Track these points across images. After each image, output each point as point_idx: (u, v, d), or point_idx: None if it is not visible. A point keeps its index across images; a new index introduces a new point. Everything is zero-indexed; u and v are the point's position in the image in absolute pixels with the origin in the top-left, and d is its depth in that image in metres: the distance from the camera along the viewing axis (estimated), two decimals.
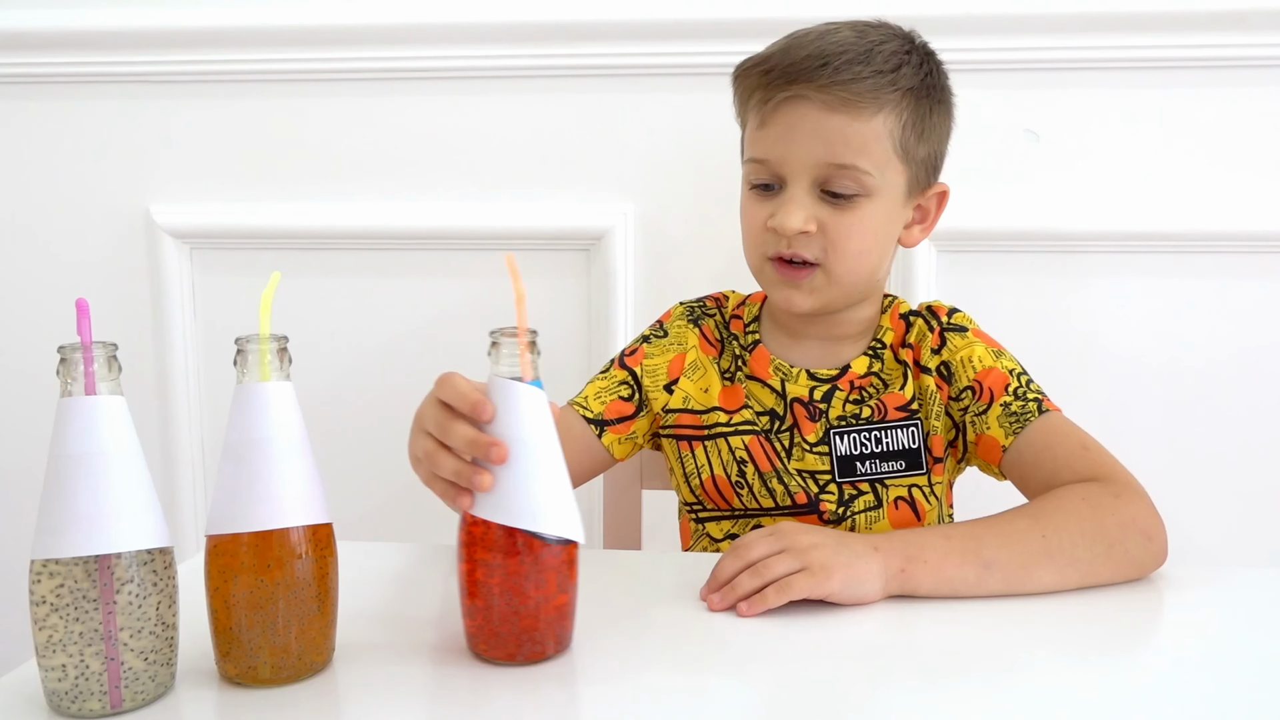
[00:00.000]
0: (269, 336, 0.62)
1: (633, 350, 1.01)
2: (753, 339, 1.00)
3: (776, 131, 0.88)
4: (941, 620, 0.72)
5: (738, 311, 1.03)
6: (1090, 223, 1.26)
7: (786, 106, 0.87)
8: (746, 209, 0.93)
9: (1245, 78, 1.23)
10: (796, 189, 0.88)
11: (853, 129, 0.86)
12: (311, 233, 1.36)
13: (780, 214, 0.88)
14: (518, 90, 1.32)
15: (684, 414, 0.98)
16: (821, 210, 0.88)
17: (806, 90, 0.86)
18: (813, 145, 0.87)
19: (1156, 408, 1.29)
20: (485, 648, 0.65)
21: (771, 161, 0.89)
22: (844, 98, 0.85)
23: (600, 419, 0.97)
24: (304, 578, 0.62)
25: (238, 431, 0.61)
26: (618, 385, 0.99)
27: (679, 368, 0.99)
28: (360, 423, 1.39)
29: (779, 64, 0.88)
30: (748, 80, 0.92)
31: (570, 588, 0.66)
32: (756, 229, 0.91)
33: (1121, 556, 0.77)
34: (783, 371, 0.97)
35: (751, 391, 0.98)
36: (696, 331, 1.00)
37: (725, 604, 0.73)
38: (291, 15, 1.29)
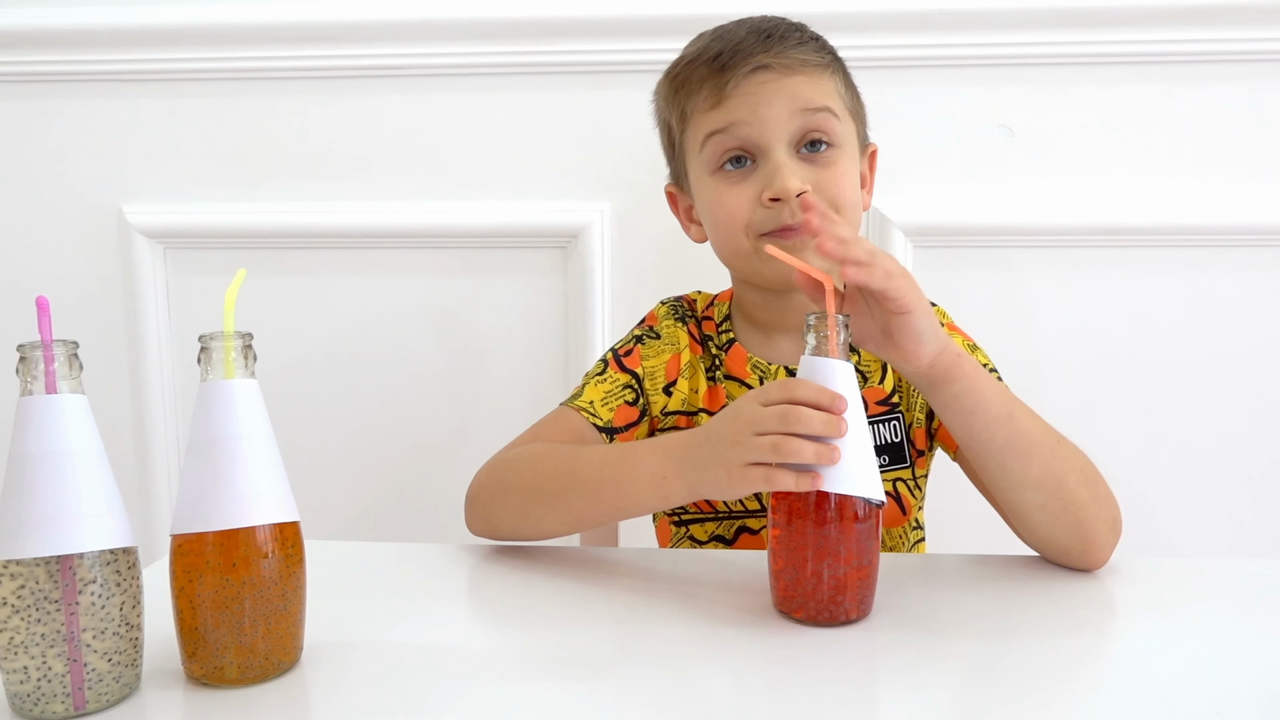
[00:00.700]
0: (233, 334, 0.62)
1: (627, 350, 0.97)
2: (727, 338, 0.98)
3: (740, 101, 0.87)
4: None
5: (707, 313, 1.01)
6: (1064, 217, 1.26)
7: (747, 81, 0.87)
8: (722, 195, 0.89)
9: (1217, 73, 1.23)
10: (778, 153, 0.86)
11: (813, 85, 0.88)
12: (285, 232, 1.35)
13: (776, 180, 0.85)
14: (493, 88, 1.31)
15: (679, 416, 0.96)
16: (806, 171, 0.87)
17: (765, 60, 0.86)
18: (784, 102, 0.86)
19: (1129, 401, 1.30)
20: (798, 610, 0.70)
21: (740, 126, 0.87)
22: (801, 59, 0.87)
23: (610, 427, 0.93)
24: (270, 577, 0.61)
25: (202, 430, 0.61)
26: (622, 390, 0.95)
27: (675, 369, 0.96)
28: (332, 420, 1.39)
29: (725, 48, 0.88)
30: (692, 74, 0.90)
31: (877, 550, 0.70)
32: (742, 210, 0.88)
33: (1092, 522, 0.77)
34: (761, 369, 0.96)
35: (731, 392, 0.96)
36: (685, 330, 0.98)
37: (836, 251, 0.69)
38: (264, 13, 1.28)
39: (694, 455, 0.74)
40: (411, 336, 1.37)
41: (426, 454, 1.38)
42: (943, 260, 1.29)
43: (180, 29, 1.30)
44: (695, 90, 0.90)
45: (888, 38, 1.23)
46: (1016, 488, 0.77)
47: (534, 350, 1.36)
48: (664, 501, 0.76)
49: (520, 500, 0.83)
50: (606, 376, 0.95)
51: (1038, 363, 1.30)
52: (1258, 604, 0.74)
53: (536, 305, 1.35)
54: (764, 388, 0.71)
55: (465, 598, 0.78)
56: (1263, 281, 1.27)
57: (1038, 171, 1.27)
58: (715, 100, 0.88)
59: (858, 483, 0.68)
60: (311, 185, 1.35)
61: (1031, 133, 1.27)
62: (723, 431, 0.72)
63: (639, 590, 0.77)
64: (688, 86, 0.91)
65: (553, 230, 1.33)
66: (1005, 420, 0.76)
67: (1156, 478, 1.29)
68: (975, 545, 0.92)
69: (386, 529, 1.39)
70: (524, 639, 0.69)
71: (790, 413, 0.68)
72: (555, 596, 0.76)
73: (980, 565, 0.83)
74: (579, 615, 0.73)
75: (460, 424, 1.37)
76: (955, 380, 0.75)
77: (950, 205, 1.27)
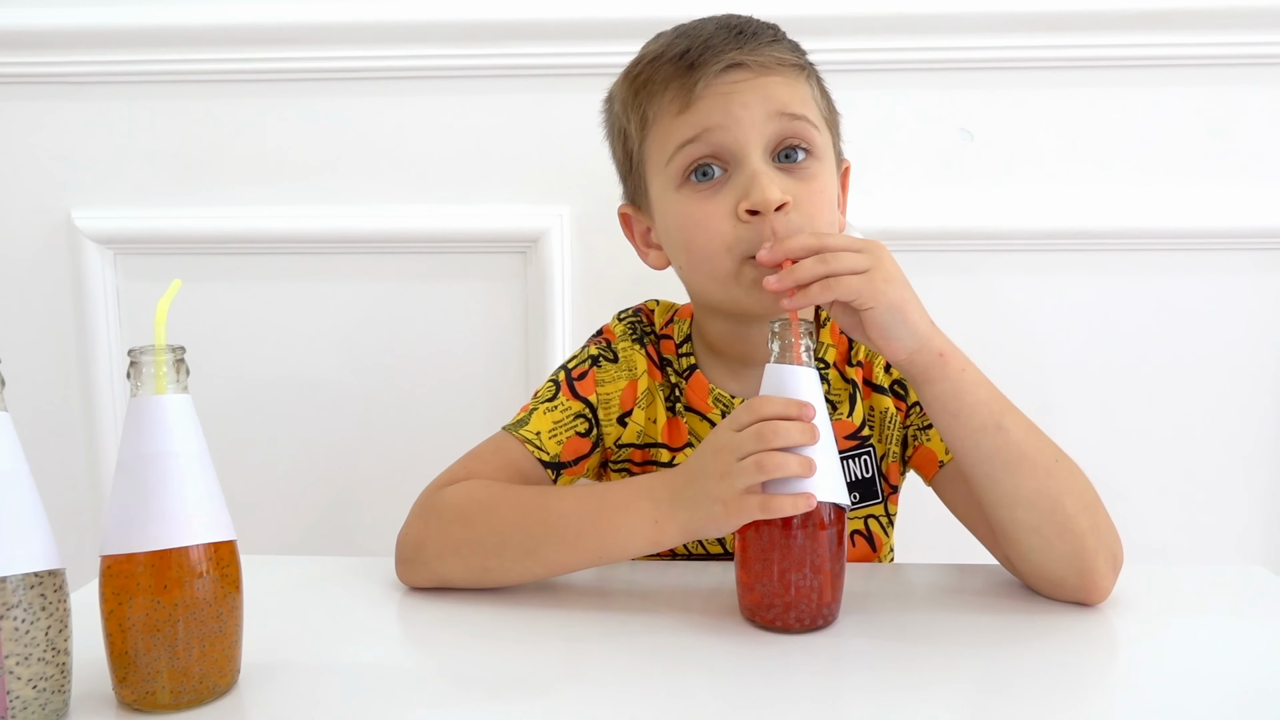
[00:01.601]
0: (165, 347, 0.60)
1: (581, 373, 0.89)
2: (688, 364, 0.90)
3: (712, 103, 0.78)
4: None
5: (666, 330, 0.93)
6: (1024, 221, 1.26)
7: (719, 80, 0.78)
8: (696, 212, 0.80)
9: (1176, 77, 1.24)
10: (755, 160, 0.78)
11: (791, 87, 0.80)
12: (238, 237, 1.32)
13: (754, 191, 0.76)
14: (451, 91, 1.30)
15: (633, 449, 0.90)
16: (784, 180, 0.78)
17: (738, 57, 0.78)
18: (759, 105, 0.78)
19: (1094, 406, 1.30)
20: (768, 618, 0.70)
21: (713, 131, 0.78)
22: (777, 58, 0.80)
23: (557, 461, 0.85)
24: (204, 597, 0.59)
25: (132, 447, 0.59)
26: (573, 419, 0.87)
27: (631, 397, 0.89)
28: (285, 429, 1.37)
29: (693, 44, 0.79)
30: (655, 74, 0.81)
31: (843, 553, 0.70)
32: (723, 228, 0.78)
33: (1090, 554, 0.72)
34: (723, 403, 0.88)
35: (692, 426, 0.89)
36: (643, 353, 0.90)
37: (781, 286, 0.70)
38: (216, 14, 1.26)
39: (683, 495, 0.71)
40: (367, 343, 1.35)
41: (381, 464, 1.35)
42: (903, 263, 1.26)
43: (131, 30, 1.27)
44: (659, 92, 0.81)
45: (847, 41, 1.22)
46: (1005, 504, 0.73)
47: (493, 357, 1.34)
48: (655, 546, 0.72)
49: (479, 557, 0.76)
50: (557, 404, 0.87)
51: (998, 366, 1.29)
52: (1235, 608, 0.75)
53: (495, 312, 1.33)
54: (732, 415, 0.70)
55: (412, 614, 0.76)
56: (1226, 285, 1.27)
57: (998, 175, 1.27)
58: (683, 103, 0.79)
59: (825, 488, 0.68)
60: (265, 189, 1.32)
61: (991, 137, 1.26)
62: (707, 466, 0.70)
63: (594, 604, 0.76)
64: (650, 88, 0.82)
65: (512, 235, 1.31)
66: (994, 429, 0.72)
67: (1121, 479, 1.29)
68: (943, 555, 0.91)
69: (339, 542, 1.37)
70: (472, 658, 0.68)
71: (766, 429, 0.67)
72: (505, 611, 0.74)
73: (949, 573, 0.83)
74: (530, 631, 0.71)
75: (416, 433, 1.35)
76: (937, 380, 0.73)
77: (910, 209, 1.27)
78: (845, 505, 0.70)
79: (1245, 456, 1.30)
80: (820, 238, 0.72)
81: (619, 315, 0.94)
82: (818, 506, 0.67)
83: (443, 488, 0.81)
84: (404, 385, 1.35)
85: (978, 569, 0.83)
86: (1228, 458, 1.30)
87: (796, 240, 0.72)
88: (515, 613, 0.74)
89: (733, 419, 0.70)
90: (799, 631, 0.69)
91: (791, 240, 0.72)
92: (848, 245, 0.71)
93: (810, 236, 0.72)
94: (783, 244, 0.72)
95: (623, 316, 0.94)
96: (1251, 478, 1.31)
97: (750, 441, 0.68)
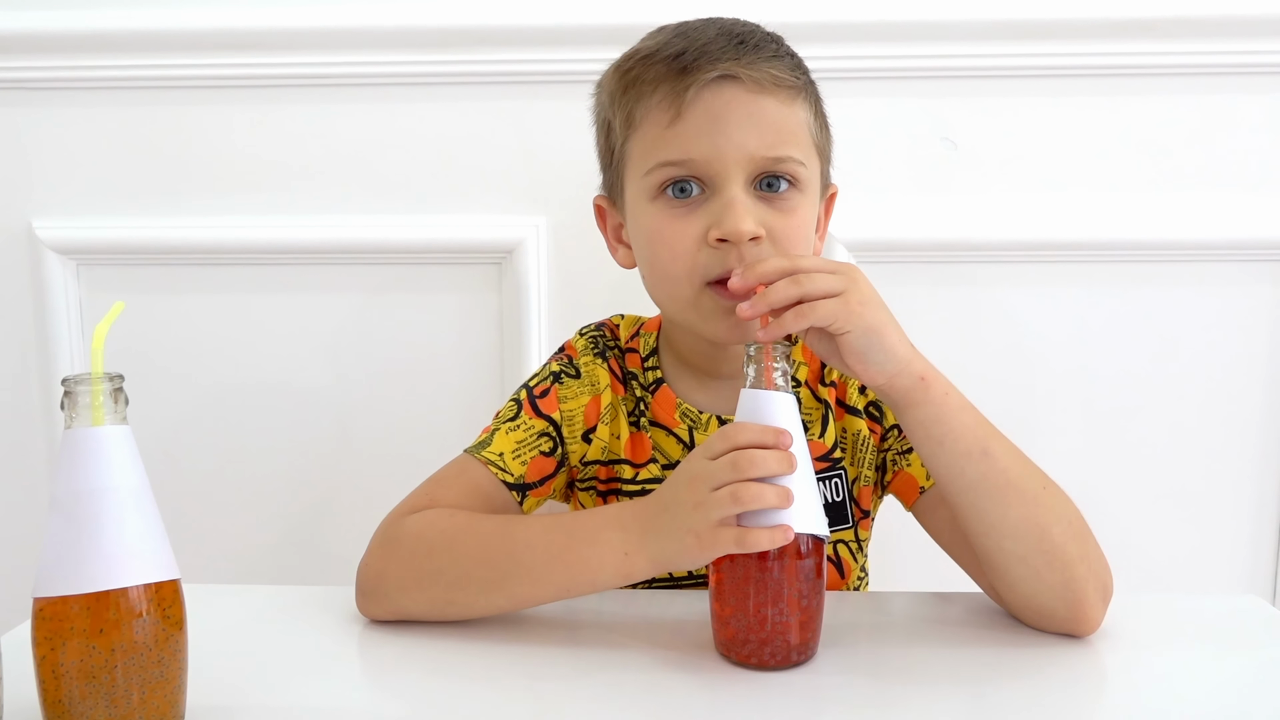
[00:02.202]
0: (101, 375, 0.56)
1: (543, 390, 0.85)
2: (654, 377, 0.87)
3: (700, 123, 0.75)
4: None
5: (632, 344, 0.90)
6: (1007, 231, 1.24)
7: (710, 92, 0.75)
8: (664, 229, 0.77)
9: (1162, 86, 1.22)
10: (734, 187, 0.75)
11: (784, 113, 0.77)
12: (206, 248, 1.28)
13: (728, 219, 0.74)
14: (425, 98, 1.26)
15: (598, 466, 0.87)
16: (761, 211, 0.76)
17: (734, 69, 0.74)
18: (748, 132, 0.75)
19: (1080, 419, 1.28)
20: (744, 655, 0.67)
21: (697, 159, 0.75)
22: (775, 76, 0.76)
23: (522, 483, 0.82)
24: (144, 641, 0.56)
25: (66, 483, 0.55)
26: (537, 439, 0.83)
27: (595, 413, 0.86)
28: (253, 445, 1.33)
29: (689, 46, 0.76)
30: (647, 72, 0.77)
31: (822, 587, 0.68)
32: (686, 252, 0.76)
33: (1080, 584, 0.70)
34: (691, 418, 0.85)
35: (657, 442, 0.86)
36: (605, 367, 0.87)
37: (755, 312, 0.67)
38: (182, 20, 1.22)
39: (655, 525, 0.68)
40: (337, 356, 1.31)
41: (353, 479, 1.32)
42: (885, 275, 1.23)
43: (93, 35, 1.23)
44: (648, 92, 0.77)
45: (830, 49, 1.19)
46: (992, 533, 0.70)
47: (467, 371, 1.31)
48: (625, 579, 0.69)
49: (443, 590, 0.73)
50: (520, 422, 0.84)
51: (980, 377, 1.27)
52: (1229, 640, 0.73)
53: (470, 324, 1.30)
54: (706, 442, 0.68)
55: (372, 649, 0.73)
56: (1210, 295, 1.26)
57: (981, 185, 1.24)
58: (672, 111, 0.76)
59: (803, 519, 0.65)
60: (232, 199, 1.29)
61: (974, 146, 1.24)
62: (680, 496, 0.67)
63: (562, 639, 0.73)
64: (639, 86, 0.78)
65: (486, 246, 1.28)
66: (979, 456, 0.69)
67: (1107, 494, 1.27)
68: (923, 579, 0.89)
69: (307, 565, 1.33)
70: (435, 697, 0.64)
71: (741, 458, 0.65)
72: (470, 646, 0.71)
73: (930, 602, 0.81)
74: (495, 668, 0.68)
75: (389, 449, 1.31)
76: (919, 405, 0.70)
77: (893, 219, 1.24)
78: (824, 536, 0.67)
79: (1235, 470, 1.29)
80: (793, 260, 0.69)
81: (581, 331, 0.92)
82: (795, 538, 0.64)
83: (404, 516, 0.77)
84: (376, 399, 1.31)
85: (958, 597, 0.80)
86: (1217, 472, 1.28)
87: (768, 264, 0.69)
88: (480, 648, 0.71)
89: (707, 446, 0.67)
90: (776, 668, 0.66)
91: (762, 264, 0.69)
92: (821, 267, 0.68)
93: (782, 259, 0.70)
94: (753, 269, 0.69)
95: (584, 331, 0.91)
96: (1240, 492, 1.29)
97: (725, 471, 0.65)
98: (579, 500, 0.89)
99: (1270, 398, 1.27)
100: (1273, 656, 0.70)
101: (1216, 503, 1.29)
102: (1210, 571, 1.30)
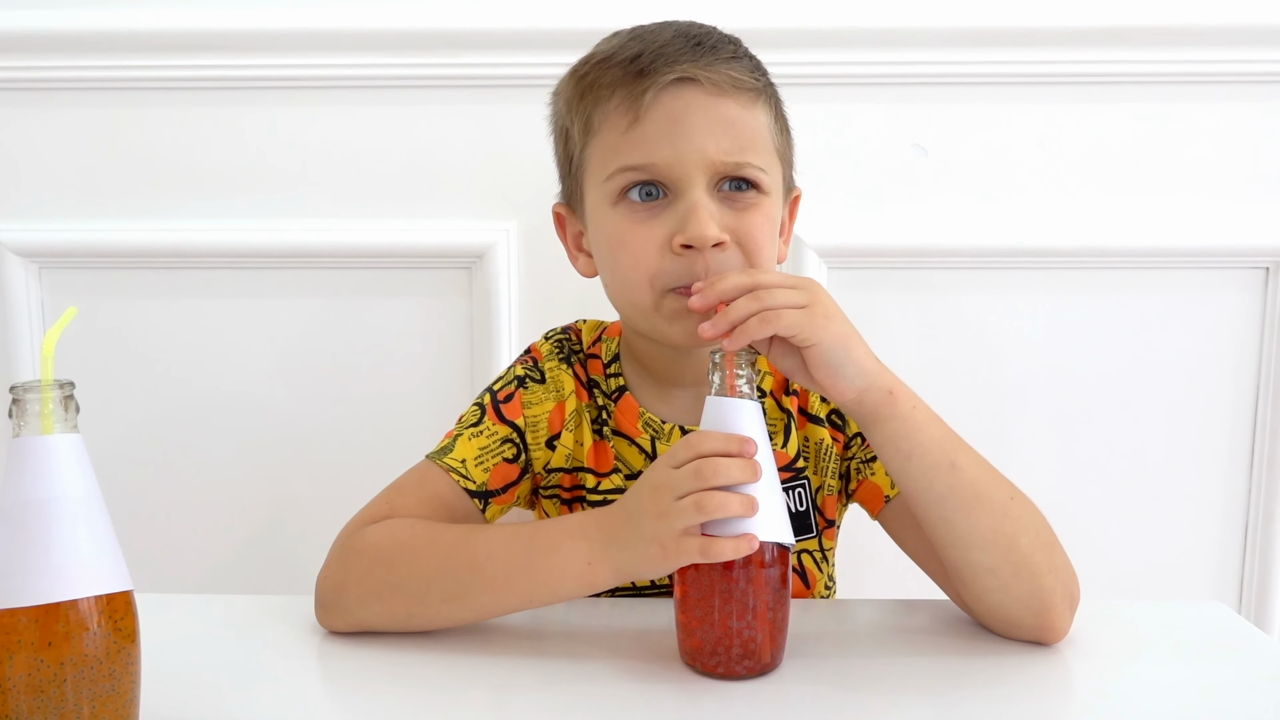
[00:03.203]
0: (51, 383, 0.55)
1: (507, 395, 0.84)
2: (616, 384, 0.86)
3: (659, 126, 0.74)
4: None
5: (594, 349, 0.88)
6: (978, 238, 1.25)
7: (669, 95, 0.74)
8: (626, 235, 0.76)
9: (1130, 94, 1.23)
10: (697, 191, 0.74)
11: (744, 116, 0.75)
12: (170, 251, 1.27)
13: (692, 225, 0.72)
14: (394, 101, 1.25)
15: (562, 474, 0.85)
16: (725, 215, 0.75)
17: (692, 71, 0.73)
18: (709, 134, 0.74)
19: (1046, 425, 1.29)
20: (711, 665, 0.66)
21: (658, 163, 0.74)
22: (733, 78, 0.75)
23: (484, 490, 0.81)
24: (95, 654, 0.55)
25: (13, 492, 0.54)
26: (500, 445, 0.82)
27: (560, 419, 0.84)
28: (217, 452, 1.31)
29: (645, 49, 0.74)
30: (604, 76, 0.76)
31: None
32: (649, 258, 0.75)
33: (1048, 593, 0.70)
34: (654, 428, 0.84)
35: (620, 451, 0.84)
36: (570, 373, 0.86)
37: (717, 332, 0.66)
38: (145, 20, 1.21)
39: (618, 535, 0.67)
40: (305, 362, 1.30)
41: (319, 487, 1.30)
42: (857, 281, 1.26)
43: (55, 35, 1.21)
44: (605, 97, 0.76)
45: (801, 54, 1.20)
46: (960, 544, 0.70)
47: (436, 376, 1.29)
48: (588, 589, 0.69)
49: (403, 602, 0.72)
50: (483, 428, 0.83)
51: (950, 384, 1.28)
52: (1196, 648, 0.74)
53: (439, 329, 1.29)
54: (670, 450, 0.67)
55: (331, 661, 0.71)
56: (1180, 302, 1.27)
57: (951, 191, 1.25)
58: (630, 115, 0.74)
59: (767, 528, 0.64)
60: (199, 202, 1.27)
61: (945, 152, 1.24)
62: (644, 505, 0.66)
63: (526, 649, 0.72)
64: (596, 91, 0.77)
65: (456, 250, 1.27)
66: (946, 469, 0.69)
67: (1071, 498, 1.28)
68: (887, 590, 0.88)
69: (270, 574, 1.32)
70: (396, 710, 0.63)
71: (705, 466, 0.64)
72: (432, 657, 0.70)
73: (896, 610, 0.80)
74: (459, 679, 0.67)
75: (355, 456, 1.30)
76: (886, 420, 0.69)
77: (864, 225, 1.25)
78: (789, 544, 0.67)
79: (1202, 478, 1.30)
80: (753, 275, 0.69)
81: (546, 334, 0.90)
82: (760, 546, 0.64)
83: (363, 526, 0.76)
84: (343, 405, 1.30)
85: (925, 605, 0.80)
86: (1185, 480, 1.30)
87: (728, 282, 0.68)
88: (442, 659, 0.70)
89: (670, 455, 0.66)
90: (741, 678, 0.66)
91: (723, 282, 0.68)
92: (782, 282, 0.68)
93: (742, 275, 0.69)
94: (714, 287, 0.68)
95: (550, 335, 0.90)
96: (1208, 500, 1.30)
97: (689, 480, 0.64)
98: (543, 508, 0.88)
99: (1238, 405, 1.28)
100: (1238, 665, 0.70)
101: (1184, 510, 1.30)
102: (1177, 579, 1.31)
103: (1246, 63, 1.20)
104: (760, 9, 1.18)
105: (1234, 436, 1.29)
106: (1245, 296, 1.27)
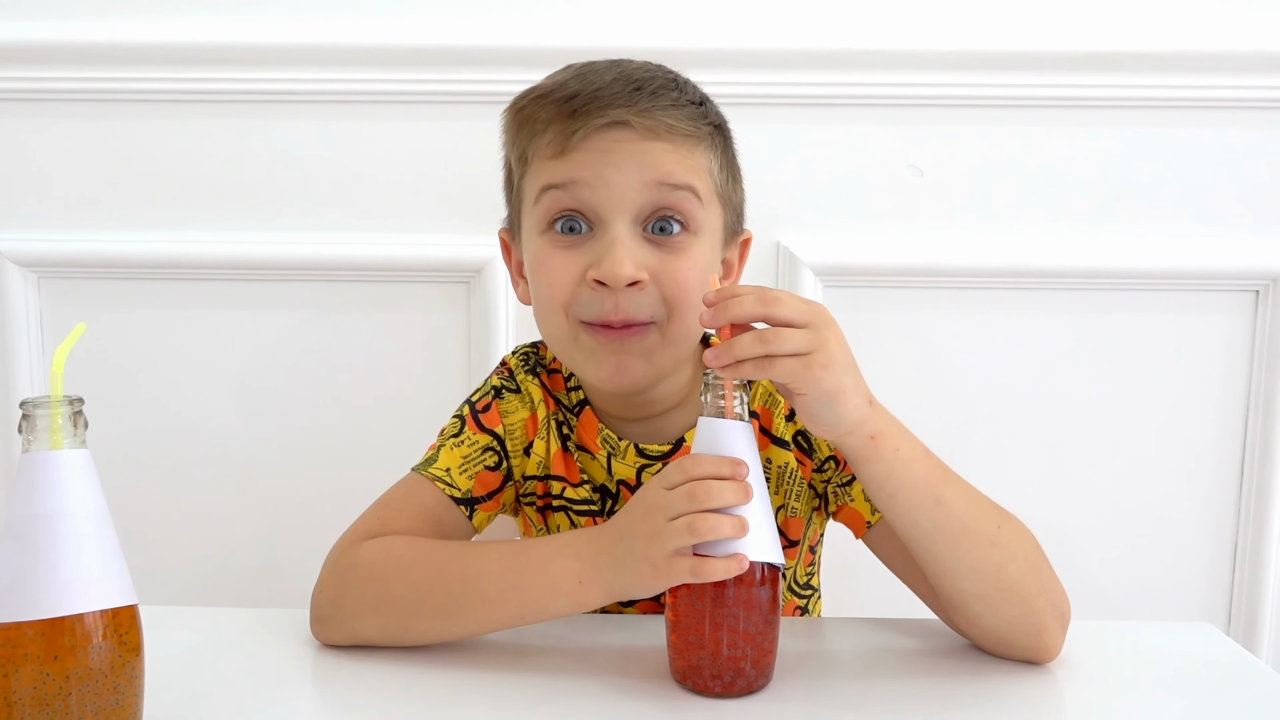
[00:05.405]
0: (61, 399, 0.56)
1: (485, 405, 0.86)
2: (578, 398, 0.86)
3: (587, 157, 0.74)
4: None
5: (555, 364, 0.88)
6: (972, 259, 1.26)
7: (598, 135, 0.74)
8: (546, 262, 0.77)
9: (1117, 118, 1.24)
10: (619, 227, 0.74)
11: (673, 157, 0.75)
12: (170, 262, 1.27)
13: (607, 261, 0.73)
14: (393, 116, 1.26)
15: (537, 481, 0.86)
16: (647, 255, 0.75)
17: (624, 115, 0.74)
18: (633, 171, 0.74)
19: (1034, 442, 1.30)
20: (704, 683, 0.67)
21: (580, 186, 0.74)
22: (668, 124, 0.74)
23: (469, 497, 0.82)
24: (100, 667, 0.56)
25: (22, 507, 0.55)
26: (481, 453, 0.84)
27: (534, 427, 0.86)
28: (215, 464, 1.32)
29: (583, 89, 0.75)
30: (540, 112, 0.77)
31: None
32: (565, 285, 0.76)
33: (1039, 615, 0.71)
34: (610, 444, 0.84)
35: (584, 464, 0.86)
36: (538, 383, 0.87)
37: (719, 364, 0.65)
38: (142, 33, 1.22)
39: (609, 554, 0.68)
40: (304, 374, 1.31)
41: (319, 500, 1.31)
42: (852, 300, 1.27)
43: (55, 47, 1.22)
44: (539, 132, 0.77)
45: (798, 76, 1.21)
46: (949, 575, 0.71)
47: (434, 390, 1.30)
48: (579, 607, 0.69)
49: (397, 616, 0.73)
50: (464, 438, 0.84)
51: (944, 403, 1.29)
52: (1186, 668, 0.74)
53: (437, 343, 1.30)
54: (663, 472, 0.68)
55: (327, 674, 0.72)
56: (1169, 324, 1.28)
57: (946, 211, 1.26)
58: (558, 149, 0.75)
59: (758, 548, 0.65)
60: (198, 214, 1.28)
61: (940, 173, 1.25)
62: (636, 526, 0.67)
63: (519, 666, 0.72)
64: (531, 125, 0.78)
65: (455, 264, 1.28)
66: (931, 505, 0.69)
67: (1060, 519, 1.29)
68: (878, 607, 0.89)
69: (267, 588, 1.32)
70: None
71: (698, 489, 0.65)
72: (426, 673, 0.71)
73: (885, 629, 0.81)
74: (452, 695, 0.68)
75: (355, 470, 1.30)
76: (869, 462, 0.69)
77: (859, 245, 1.26)
78: (780, 564, 0.67)
79: (1190, 498, 1.31)
80: (766, 304, 0.65)
81: (515, 349, 0.91)
82: (751, 566, 0.65)
83: (356, 542, 0.77)
84: (342, 418, 1.31)
85: (916, 624, 0.80)
86: (1173, 500, 1.31)
87: (742, 309, 0.65)
88: (436, 674, 0.70)
89: (664, 476, 0.67)
90: (732, 696, 0.67)
91: (738, 304, 0.65)
92: (793, 318, 0.65)
93: (755, 303, 0.65)
94: (727, 310, 0.66)
95: (517, 350, 0.91)
96: (1196, 521, 1.31)
97: (681, 501, 0.65)
98: (526, 516, 0.90)
99: (1228, 427, 1.30)
100: (1227, 686, 0.71)
101: (1173, 531, 1.31)
102: (1167, 600, 1.32)
103: (1238, 88, 1.22)
104: (757, 31, 1.20)
105: (1223, 458, 1.30)
106: (1236, 319, 1.28)
